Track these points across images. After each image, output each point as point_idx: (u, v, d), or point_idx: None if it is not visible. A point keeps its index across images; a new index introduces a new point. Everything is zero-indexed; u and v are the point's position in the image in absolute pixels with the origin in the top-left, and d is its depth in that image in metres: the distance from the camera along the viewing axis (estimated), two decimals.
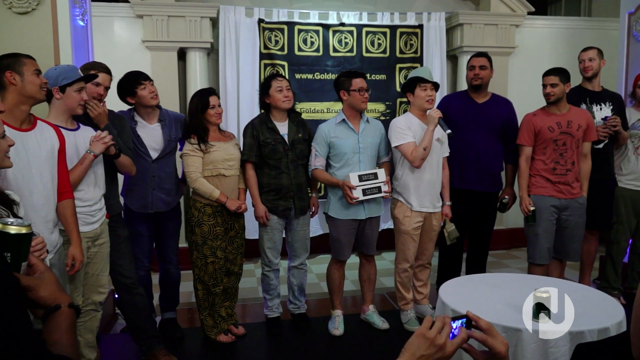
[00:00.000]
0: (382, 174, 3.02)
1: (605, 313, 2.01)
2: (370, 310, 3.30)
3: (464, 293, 2.27)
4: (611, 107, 3.46)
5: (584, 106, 3.44)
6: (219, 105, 2.96)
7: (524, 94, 4.99)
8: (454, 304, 2.12)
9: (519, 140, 3.25)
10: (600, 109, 3.46)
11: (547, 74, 3.20)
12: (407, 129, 3.02)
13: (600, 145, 3.43)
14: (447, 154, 3.24)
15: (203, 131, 2.91)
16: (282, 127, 3.07)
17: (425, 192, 3.08)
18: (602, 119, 3.42)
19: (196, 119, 2.91)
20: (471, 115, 3.36)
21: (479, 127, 3.35)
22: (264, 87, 3.05)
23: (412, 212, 3.09)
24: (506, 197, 3.49)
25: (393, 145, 3.05)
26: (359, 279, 3.36)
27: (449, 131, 2.96)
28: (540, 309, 1.93)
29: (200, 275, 2.97)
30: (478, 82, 3.36)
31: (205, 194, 2.88)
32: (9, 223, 0.96)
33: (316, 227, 4.77)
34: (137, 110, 2.93)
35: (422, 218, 3.12)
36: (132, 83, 2.84)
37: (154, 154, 2.92)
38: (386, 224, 5.04)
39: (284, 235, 3.22)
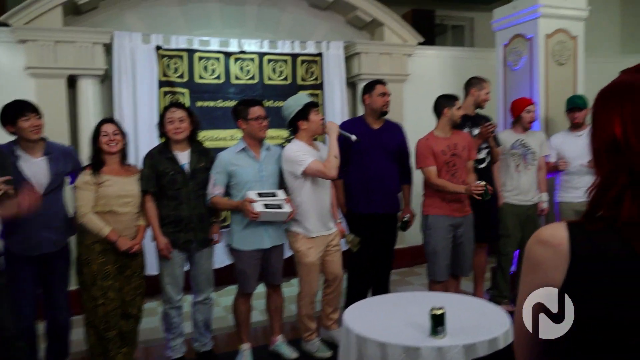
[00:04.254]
0: (281, 192, 2.99)
1: (494, 324, 2.14)
2: (279, 341, 3.24)
3: (366, 316, 2.31)
4: None
5: (467, 129, 3.75)
6: (114, 133, 2.80)
7: (417, 118, 5.29)
8: (358, 328, 2.14)
9: (423, 164, 3.33)
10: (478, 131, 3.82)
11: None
12: (305, 151, 2.99)
13: (484, 164, 3.74)
14: None
15: (97, 162, 2.76)
16: (183, 157, 2.98)
17: (323, 214, 3.10)
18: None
19: (92, 148, 2.81)
20: (370, 140, 3.46)
21: (378, 152, 3.47)
22: (160, 117, 2.98)
23: (313, 242, 3.05)
24: (407, 215, 3.64)
25: (299, 172, 2.95)
26: (266, 310, 3.30)
27: (354, 137, 3.06)
28: (436, 325, 2.01)
29: (91, 318, 2.75)
30: (387, 109, 3.53)
31: (94, 231, 2.70)
32: None
33: (223, 257, 4.64)
34: (20, 143, 2.70)
35: (323, 247, 3.11)
36: (15, 112, 2.63)
37: (39, 190, 2.69)
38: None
39: (187, 269, 3.10)
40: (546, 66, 4.17)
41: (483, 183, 3.17)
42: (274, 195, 2.95)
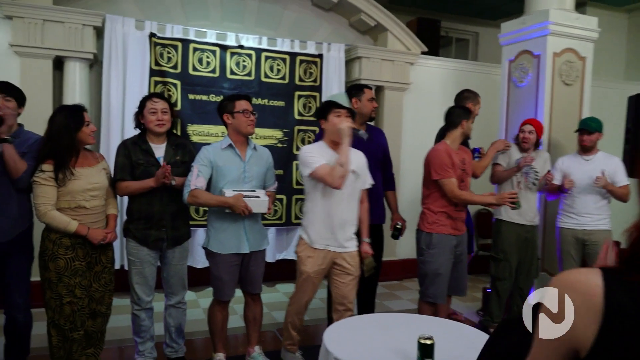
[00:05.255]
0: (262, 192, 2.79)
1: None
2: (256, 352, 3.05)
3: (349, 338, 2.14)
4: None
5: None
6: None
7: (416, 128, 5.17)
8: (338, 351, 1.97)
9: (444, 174, 3.02)
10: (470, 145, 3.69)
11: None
12: (317, 154, 2.68)
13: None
14: (369, 186, 2.96)
15: (69, 156, 2.50)
16: (159, 150, 2.80)
17: (333, 228, 2.74)
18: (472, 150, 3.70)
19: (63, 141, 2.47)
20: (358, 148, 3.17)
21: (367, 160, 3.28)
22: (140, 107, 2.79)
23: (315, 252, 2.75)
24: (399, 222, 3.44)
25: (305, 175, 2.68)
26: (244, 319, 3.10)
27: (361, 131, 2.87)
28: (424, 356, 1.84)
29: (55, 318, 2.52)
30: (375, 114, 3.44)
31: (60, 229, 2.48)
32: None
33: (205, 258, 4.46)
34: None
35: (326, 263, 2.77)
36: None
37: None
38: (281, 254, 4.87)
39: (159, 265, 2.90)
40: (552, 85, 4.03)
41: (515, 191, 3.05)
42: (253, 191, 2.77)
